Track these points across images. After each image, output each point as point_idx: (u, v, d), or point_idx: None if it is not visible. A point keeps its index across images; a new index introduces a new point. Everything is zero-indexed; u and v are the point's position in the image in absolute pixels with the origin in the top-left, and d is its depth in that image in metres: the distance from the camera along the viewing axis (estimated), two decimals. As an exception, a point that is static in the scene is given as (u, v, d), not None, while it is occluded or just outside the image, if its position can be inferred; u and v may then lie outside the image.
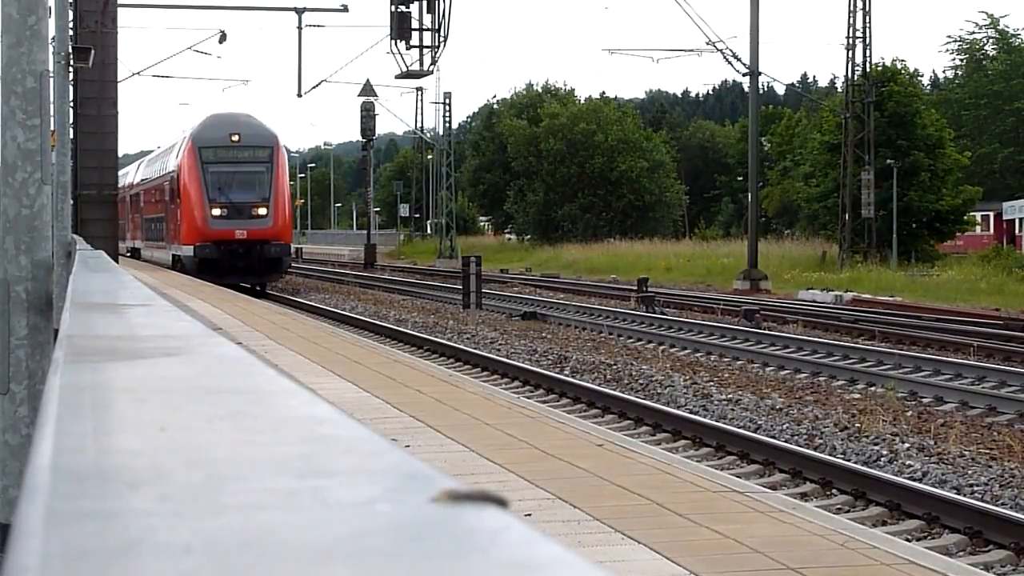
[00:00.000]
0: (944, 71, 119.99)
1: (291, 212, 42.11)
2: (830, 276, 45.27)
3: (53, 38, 14.29)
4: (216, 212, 39.72)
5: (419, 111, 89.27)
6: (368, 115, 67.19)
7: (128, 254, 55.13)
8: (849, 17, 51.37)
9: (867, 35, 51.32)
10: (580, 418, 13.69)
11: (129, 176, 60.10)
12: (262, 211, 39.91)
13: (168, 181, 44.37)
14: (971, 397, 17.18)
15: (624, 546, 6.51)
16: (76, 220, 26.25)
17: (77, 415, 1.30)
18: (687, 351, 23.67)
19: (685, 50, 53.08)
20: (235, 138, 40.64)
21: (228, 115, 43.47)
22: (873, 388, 18.32)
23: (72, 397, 1.45)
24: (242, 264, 39.53)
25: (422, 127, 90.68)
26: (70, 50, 18.00)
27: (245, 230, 39.42)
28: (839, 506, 11.18)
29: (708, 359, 22.35)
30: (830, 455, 13.09)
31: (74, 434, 1.17)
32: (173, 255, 43.14)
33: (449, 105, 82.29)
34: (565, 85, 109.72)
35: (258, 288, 40.83)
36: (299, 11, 54.85)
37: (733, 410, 16.21)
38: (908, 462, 12.74)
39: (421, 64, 38.73)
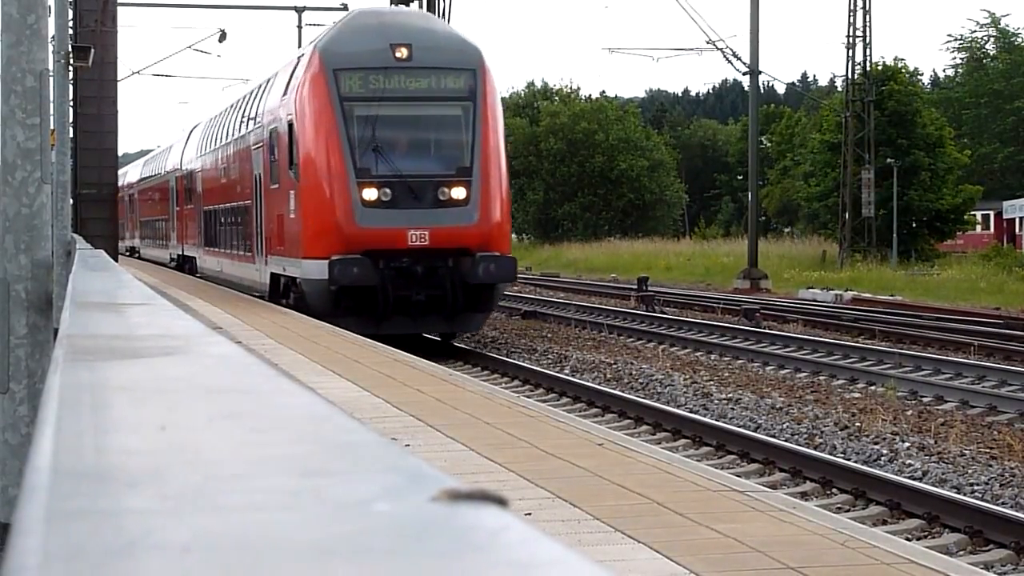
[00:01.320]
0: (944, 70, 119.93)
1: (509, 195, 23.50)
2: (830, 275, 45.29)
3: (53, 37, 14.30)
4: (370, 195, 21.67)
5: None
6: (368, 114, 67.00)
7: (172, 262, 42.19)
8: (849, 16, 51.41)
9: (867, 34, 51.35)
10: (580, 417, 13.69)
11: (174, 153, 42.91)
12: (459, 193, 21.93)
13: (261, 143, 25.90)
14: (971, 396, 17.17)
15: (624, 545, 6.51)
16: (76, 219, 26.25)
17: (77, 414, 1.30)
18: (687, 350, 23.67)
19: (685, 49, 53.16)
20: (402, 52, 22.32)
21: (387, 11, 26.26)
22: (873, 387, 18.31)
23: (72, 396, 1.44)
24: (420, 295, 21.69)
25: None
26: (70, 49, 18.01)
27: (426, 230, 21.61)
28: (839, 505, 11.18)
29: (708, 358, 22.35)
30: (830, 454, 13.09)
31: (74, 433, 1.17)
32: (273, 275, 24.90)
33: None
34: (571, 83, 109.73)
35: (439, 338, 23.41)
36: (299, 10, 54.90)
37: (733, 409, 16.21)
38: (908, 461, 12.75)
39: (421, 63, 38.55)
